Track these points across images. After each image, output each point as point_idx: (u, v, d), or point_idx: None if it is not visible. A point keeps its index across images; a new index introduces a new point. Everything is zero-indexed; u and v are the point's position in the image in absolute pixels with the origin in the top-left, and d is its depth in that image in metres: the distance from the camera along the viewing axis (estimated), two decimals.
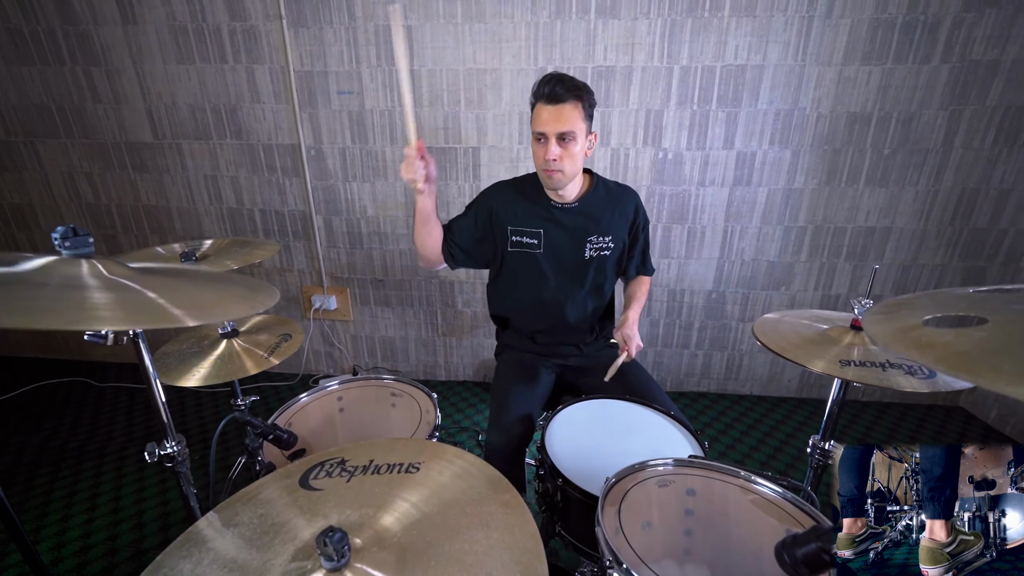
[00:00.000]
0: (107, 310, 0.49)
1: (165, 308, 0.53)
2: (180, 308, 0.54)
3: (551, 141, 1.18)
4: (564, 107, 1.15)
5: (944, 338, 0.49)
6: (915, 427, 2.20)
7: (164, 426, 0.75)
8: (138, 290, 0.56)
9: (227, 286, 0.69)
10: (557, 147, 1.18)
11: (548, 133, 1.17)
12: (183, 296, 0.59)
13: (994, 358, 0.44)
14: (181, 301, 0.56)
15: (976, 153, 1.97)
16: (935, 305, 0.60)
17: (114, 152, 2.33)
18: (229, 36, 2.08)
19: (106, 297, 0.52)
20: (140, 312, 0.51)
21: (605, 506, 0.75)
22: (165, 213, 2.42)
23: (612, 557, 0.64)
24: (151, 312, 0.52)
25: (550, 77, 1.17)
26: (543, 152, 1.20)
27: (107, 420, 2.25)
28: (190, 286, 0.65)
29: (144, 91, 2.21)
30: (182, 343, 1.09)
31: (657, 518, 0.84)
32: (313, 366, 2.66)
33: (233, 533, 0.64)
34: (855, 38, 1.87)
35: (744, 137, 2.03)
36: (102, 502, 1.76)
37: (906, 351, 0.49)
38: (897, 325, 0.56)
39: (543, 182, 1.30)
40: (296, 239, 2.41)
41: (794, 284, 2.25)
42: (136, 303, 0.53)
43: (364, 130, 2.18)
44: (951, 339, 0.49)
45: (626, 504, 0.80)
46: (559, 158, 1.19)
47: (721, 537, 0.82)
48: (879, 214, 2.10)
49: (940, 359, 0.46)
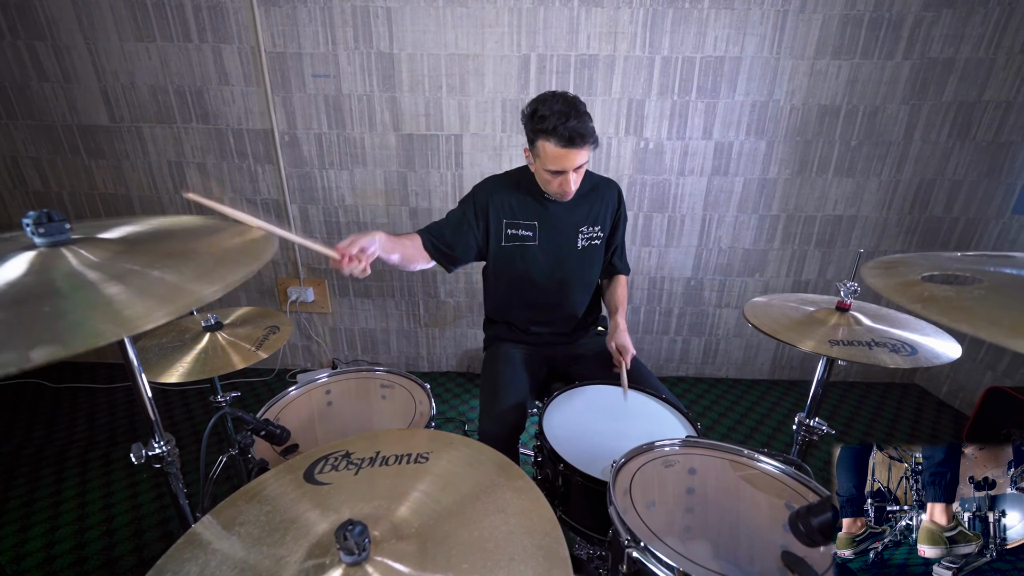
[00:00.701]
0: (131, 307, 0.43)
1: (179, 286, 0.49)
2: (193, 282, 0.50)
3: (569, 175, 1.19)
4: (579, 150, 1.14)
5: (945, 293, 0.52)
6: (877, 403, 2.34)
7: (152, 425, 0.70)
8: (140, 271, 0.51)
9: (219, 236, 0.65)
10: (574, 174, 1.20)
11: (567, 169, 1.18)
12: (186, 267, 0.54)
13: (993, 313, 0.47)
14: (188, 273, 0.52)
15: (933, 146, 2.10)
16: (929, 264, 0.63)
17: (65, 135, 2.16)
18: (194, 13, 1.95)
19: (120, 291, 0.47)
20: (159, 299, 0.45)
21: (616, 488, 0.76)
22: (125, 201, 2.27)
23: (630, 536, 0.65)
24: (169, 295, 0.46)
25: (565, 114, 1.11)
26: (560, 183, 1.21)
27: (65, 423, 2.11)
28: (183, 253, 0.59)
29: (98, 70, 2.05)
30: (161, 337, 1.03)
31: (660, 498, 0.86)
32: (290, 360, 2.58)
33: (239, 533, 0.61)
34: (826, 33, 1.94)
35: (722, 127, 2.08)
36: (65, 509, 1.65)
37: (910, 304, 0.52)
38: (897, 280, 0.59)
39: (552, 198, 1.33)
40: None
41: (768, 271, 2.34)
42: (150, 288, 0.48)
43: (341, 115, 2.10)
44: (952, 295, 0.52)
45: (633, 485, 0.81)
46: (576, 183, 1.22)
47: (721, 514, 0.85)
48: (846, 203, 2.20)
49: (943, 312, 0.49)
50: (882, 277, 0.62)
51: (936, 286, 0.57)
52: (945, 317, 0.49)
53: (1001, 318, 0.47)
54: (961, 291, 0.53)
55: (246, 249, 0.62)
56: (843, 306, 1.01)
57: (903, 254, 0.73)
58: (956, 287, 0.54)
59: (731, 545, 0.82)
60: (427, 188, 2.20)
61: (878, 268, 0.66)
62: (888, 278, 0.62)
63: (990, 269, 0.59)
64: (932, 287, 0.56)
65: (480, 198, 1.37)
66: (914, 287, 0.57)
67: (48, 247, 0.57)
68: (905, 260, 0.69)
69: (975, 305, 0.50)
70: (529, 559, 0.57)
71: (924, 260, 0.69)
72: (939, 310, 0.51)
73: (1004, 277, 0.55)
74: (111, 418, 2.16)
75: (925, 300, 0.53)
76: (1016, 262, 0.62)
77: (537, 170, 1.26)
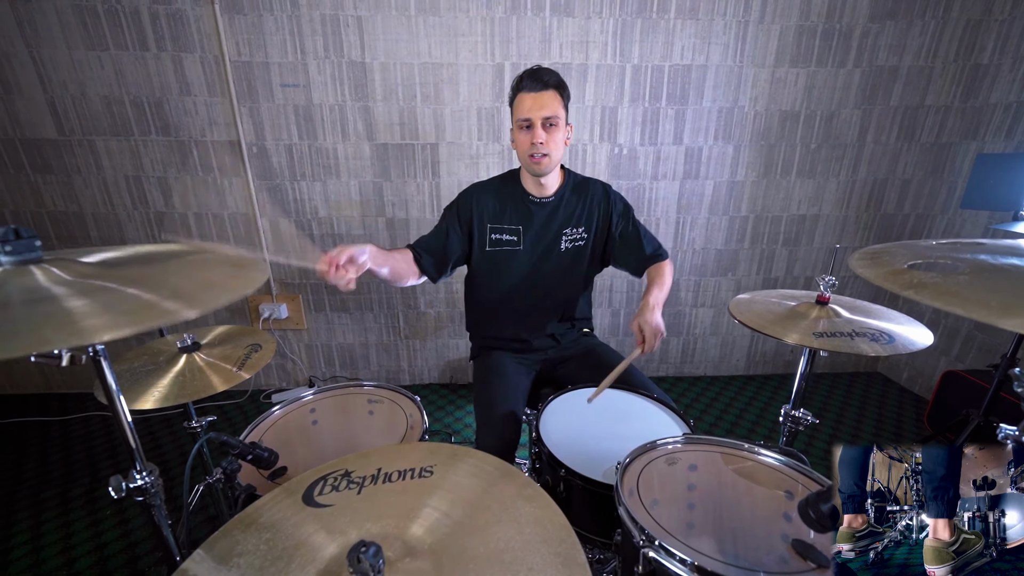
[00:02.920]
0: (92, 318, 0.41)
1: (155, 303, 0.46)
2: (171, 300, 0.47)
3: (537, 126, 1.20)
4: (546, 94, 1.19)
5: (933, 279, 0.55)
6: (844, 392, 2.46)
7: (133, 454, 0.65)
8: (115, 288, 0.48)
9: (209, 265, 0.61)
10: (543, 131, 1.21)
11: (534, 119, 1.20)
12: (166, 286, 0.51)
13: (981, 295, 0.50)
14: (168, 292, 0.49)
15: (884, 147, 2.24)
16: (911, 253, 0.66)
17: (6, 150, 2.01)
18: (151, 20, 1.87)
19: (83, 304, 0.44)
20: (128, 314, 0.43)
21: (623, 489, 0.76)
22: (78, 220, 2.13)
23: (645, 536, 0.65)
24: (141, 311, 0.44)
25: (531, 70, 1.21)
26: (529, 138, 1.22)
27: (11, 463, 1.94)
28: (170, 273, 0.56)
29: (44, 80, 1.92)
30: (133, 361, 0.96)
31: (662, 496, 0.86)
32: (263, 381, 2.47)
33: (238, 565, 0.57)
34: (784, 42, 2.05)
35: (691, 133, 2.16)
36: (48, 555, 1.51)
37: (902, 290, 0.55)
38: (885, 269, 0.62)
39: (530, 169, 1.30)
40: (239, 244, 2.21)
41: (739, 270, 2.42)
42: (120, 304, 0.45)
43: (312, 126, 2.05)
44: (940, 280, 0.55)
45: (639, 485, 0.81)
46: (545, 142, 1.22)
47: (723, 507, 0.86)
48: (808, 203, 2.32)
49: (936, 297, 0.51)
50: (870, 267, 0.65)
51: (922, 273, 0.60)
52: (938, 301, 0.52)
53: (989, 300, 0.50)
54: (947, 277, 0.56)
55: (238, 275, 0.59)
56: (823, 299, 1.05)
57: (885, 244, 0.76)
58: (941, 273, 0.57)
59: (734, 538, 0.83)
60: (404, 198, 2.17)
61: (864, 259, 0.69)
62: (876, 268, 0.64)
63: (967, 256, 0.63)
64: (919, 274, 0.59)
65: (463, 204, 1.36)
66: (902, 275, 0.60)
67: (16, 265, 0.53)
68: (888, 250, 0.73)
69: (962, 289, 0.53)
70: (548, 567, 0.56)
71: (904, 249, 0.72)
72: (931, 295, 0.53)
73: (983, 263, 0.59)
74: (65, 453, 2.00)
75: (916, 286, 0.56)
76: (986, 248, 0.66)
77: (515, 138, 1.27)
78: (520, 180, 1.38)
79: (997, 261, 0.59)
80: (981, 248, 0.66)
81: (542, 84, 1.18)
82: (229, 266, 0.59)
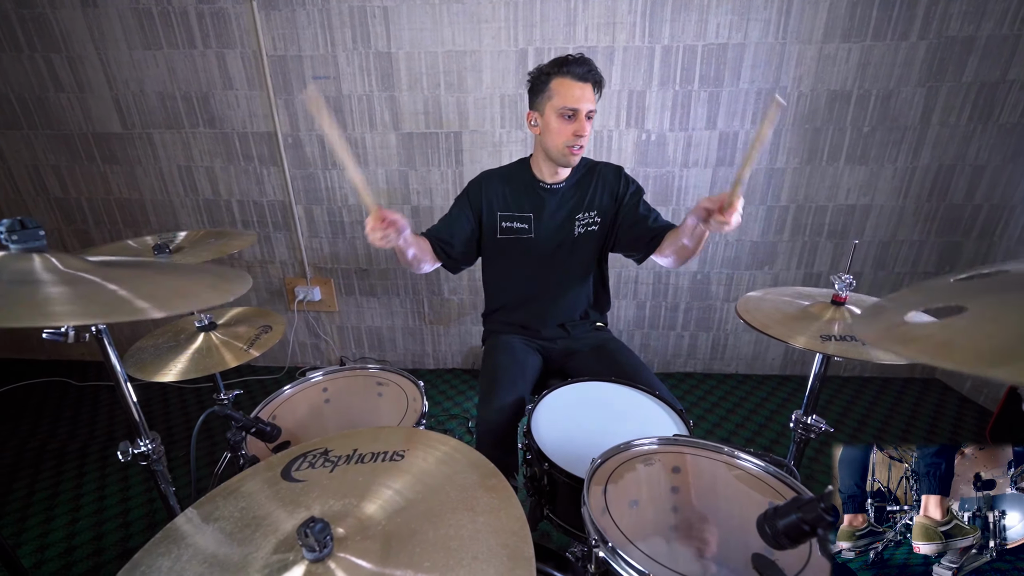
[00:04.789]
0: (62, 304, 0.47)
1: (128, 300, 0.51)
2: (144, 300, 0.52)
3: (582, 117, 1.19)
4: (591, 85, 1.18)
5: (926, 331, 0.50)
6: (894, 400, 2.26)
7: (136, 424, 0.72)
8: (97, 283, 0.53)
9: (196, 275, 0.67)
10: (588, 123, 1.20)
11: (581, 110, 1.18)
12: (147, 287, 0.56)
13: (974, 343, 0.45)
14: (145, 292, 0.54)
15: (952, 130, 2.00)
16: (917, 300, 0.61)
17: (81, 143, 2.24)
18: (197, 19, 2.00)
19: (61, 291, 0.50)
20: (100, 305, 0.49)
21: (591, 486, 0.75)
22: (139, 206, 2.35)
23: (598, 536, 0.64)
24: (112, 305, 0.50)
25: (578, 57, 1.18)
26: (573, 128, 1.20)
27: (88, 420, 2.21)
28: (156, 277, 0.62)
29: (110, 79, 2.11)
30: (157, 338, 1.06)
31: (644, 497, 0.85)
32: (299, 358, 2.63)
33: (214, 528, 0.63)
34: (835, 15, 1.86)
35: (726, 117, 2.03)
36: (86, 502, 1.73)
37: (896, 348, 0.51)
38: (883, 324, 0.57)
39: (562, 160, 1.27)
40: (277, 230, 2.36)
41: (777, 263, 2.27)
42: (96, 296, 0.51)
43: (342, 116, 2.12)
44: (934, 331, 0.50)
45: (613, 484, 0.80)
46: (586, 135, 1.22)
47: (706, 513, 0.83)
48: (859, 192, 2.12)
49: (923, 351, 0.47)
50: (870, 324, 0.61)
51: (918, 324, 0.55)
52: (926, 356, 0.47)
53: (982, 347, 0.45)
54: (943, 325, 0.51)
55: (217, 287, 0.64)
56: (839, 299, 0.97)
57: (893, 294, 0.70)
58: (938, 322, 0.52)
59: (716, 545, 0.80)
60: (428, 186, 2.21)
61: (869, 316, 0.65)
62: (875, 324, 0.60)
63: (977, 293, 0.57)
64: (913, 326, 0.54)
65: (473, 193, 1.37)
66: (897, 329, 0.55)
67: (21, 252, 0.60)
68: (897, 298, 0.67)
69: (956, 337, 0.48)
70: (493, 558, 0.57)
71: (914, 296, 0.66)
72: (919, 349, 0.49)
73: (987, 302, 0.52)
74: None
75: (907, 342, 0.51)
76: (1009, 277, 0.58)
77: (547, 124, 1.22)
78: (531, 167, 1.37)
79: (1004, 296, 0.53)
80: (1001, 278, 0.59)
81: (591, 77, 1.17)
82: (213, 277, 0.64)
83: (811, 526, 0.48)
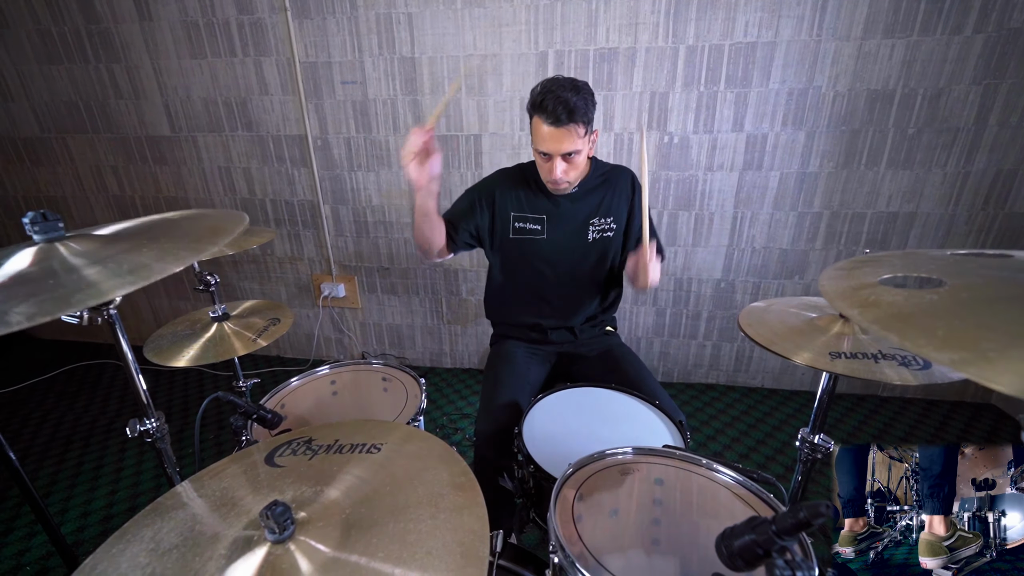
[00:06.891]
0: (107, 280, 0.54)
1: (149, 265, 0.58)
2: (162, 261, 0.58)
3: (555, 160, 1.17)
4: (565, 129, 1.11)
5: (891, 298, 0.47)
6: (938, 425, 2.08)
7: (144, 405, 0.78)
8: (120, 255, 0.60)
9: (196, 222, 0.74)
10: (563, 163, 1.17)
11: (552, 153, 1.16)
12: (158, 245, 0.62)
13: (932, 322, 0.42)
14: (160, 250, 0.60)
15: (1014, 131, 1.83)
16: (903, 264, 0.57)
17: (135, 146, 2.44)
18: (237, 29, 2.13)
19: (98, 271, 0.58)
20: (134, 271, 0.56)
21: (562, 492, 0.74)
22: (184, 204, 2.52)
23: (555, 542, 0.63)
24: (143, 269, 0.57)
25: (550, 91, 1.10)
26: (548, 169, 1.20)
27: (134, 399, 2.39)
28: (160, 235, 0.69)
29: (161, 86, 2.29)
30: (176, 326, 1.15)
31: (624, 507, 0.83)
32: (324, 352, 2.74)
33: (196, 505, 0.67)
34: (876, 9, 1.75)
35: (754, 119, 1.95)
36: (125, 475, 1.88)
37: (849, 309, 0.47)
38: (852, 283, 0.53)
39: (549, 191, 1.30)
40: (306, 228, 2.47)
41: (808, 273, 2.15)
42: (125, 264, 0.58)
43: (368, 120, 2.20)
44: (898, 299, 0.46)
45: (591, 492, 0.79)
46: (565, 173, 1.19)
47: (689, 527, 0.81)
48: (902, 198, 1.98)
49: (876, 319, 0.44)
50: (838, 279, 0.56)
51: (888, 289, 0.51)
52: (876, 324, 0.44)
53: (937, 328, 0.41)
54: (912, 295, 0.47)
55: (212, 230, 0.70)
56: None
57: (882, 252, 0.65)
58: (910, 291, 0.48)
59: (695, 561, 0.77)
60: (448, 188, 2.25)
61: (842, 268, 0.60)
62: (844, 280, 0.56)
63: (965, 271, 0.52)
64: (881, 291, 0.50)
65: (488, 188, 1.37)
66: (863, 290, 0.51)
67: (46, 243, 0.66)
68: (881, 259, 0.62)
69: (916, 312, 0.44)
70: (447, 555, 0.58)
71: (901, 260, 0.61)
72: (873, 317, 0.45)
73: (970, 280, 0.48)
74: (169, 395, 2.42)
75: (865, 305, 0.48)
76: (1012, 263, 0.53)
77: (538, 163, 1.25)
78: None
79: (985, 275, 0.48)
80: (1001, 262, 0.54)
81: (560, 120, 1.09)
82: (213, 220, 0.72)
83: (764, 549, 0.46)
